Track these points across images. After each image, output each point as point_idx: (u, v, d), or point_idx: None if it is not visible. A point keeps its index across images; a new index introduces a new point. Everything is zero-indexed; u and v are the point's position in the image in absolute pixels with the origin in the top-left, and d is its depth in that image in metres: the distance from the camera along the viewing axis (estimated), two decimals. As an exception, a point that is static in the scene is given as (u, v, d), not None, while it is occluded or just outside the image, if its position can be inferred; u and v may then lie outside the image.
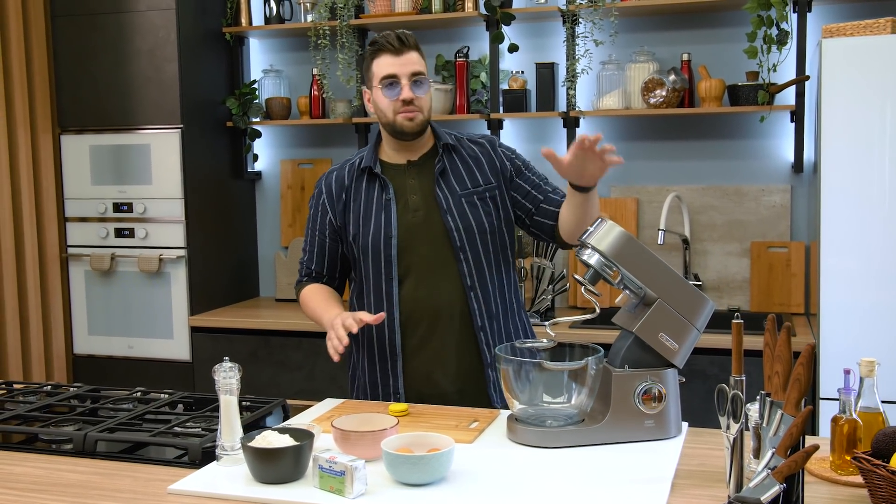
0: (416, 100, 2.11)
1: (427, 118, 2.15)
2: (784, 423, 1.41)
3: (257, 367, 3.63)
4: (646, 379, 1.81)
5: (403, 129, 2.12)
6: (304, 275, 2.30)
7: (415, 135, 2.14)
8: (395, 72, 2.10)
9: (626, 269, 1.81)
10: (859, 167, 2.78)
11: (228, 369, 1.71)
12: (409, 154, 2.19)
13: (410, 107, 2.10)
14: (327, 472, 1.55)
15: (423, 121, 2.13)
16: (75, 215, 3.87)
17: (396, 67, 2.10)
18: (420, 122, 2.13)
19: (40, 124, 3.79)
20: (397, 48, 2.10)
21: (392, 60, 2.10)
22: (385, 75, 2.10)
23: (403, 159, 2.19)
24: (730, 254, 3.62)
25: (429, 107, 2.15)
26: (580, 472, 1.65)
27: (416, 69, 2.11)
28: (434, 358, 2.16)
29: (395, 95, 2.10)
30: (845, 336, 2.81)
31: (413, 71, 2.10)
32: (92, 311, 3.89)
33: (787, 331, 1.43)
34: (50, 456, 1.81)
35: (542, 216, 2.19)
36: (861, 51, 2.77)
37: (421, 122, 2.13)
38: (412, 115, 2.10)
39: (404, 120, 2.11)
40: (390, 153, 2.21)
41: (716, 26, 3.59)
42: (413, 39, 2.13)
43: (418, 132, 2.14)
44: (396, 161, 2.19)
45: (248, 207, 4.22)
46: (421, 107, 2.12)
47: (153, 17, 3.68)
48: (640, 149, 3.72)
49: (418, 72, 2.11)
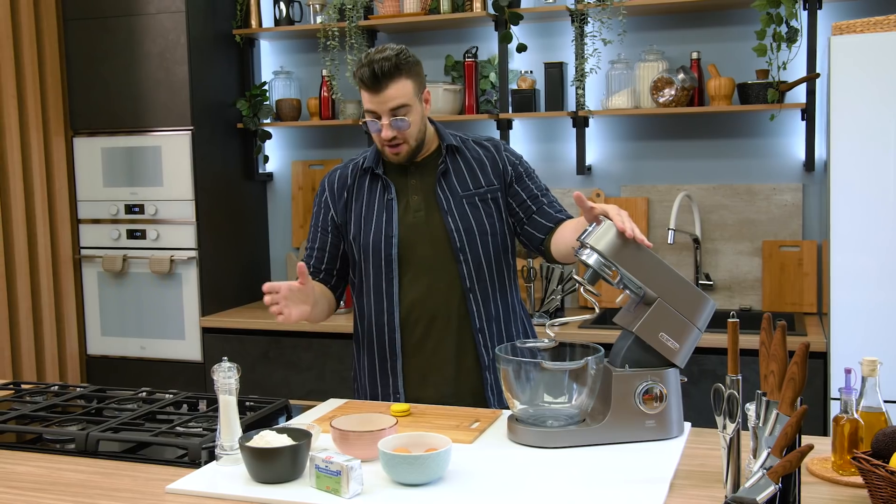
0: (399, 134, 2.07)
1: (416, 145, 2.11)
2: (780, 423, 1.39)
3: (268, 367, 3.65)
4: (647, 379, 1.80)
5: (391, 160, 2.13)
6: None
7: (407, 160, 2.13)
8: (374, 109, 2.05)
9: (625, 268, 1.79)
10: (869, 165, 2.75)
11: (227, 369, 1.72)
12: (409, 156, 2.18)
13: (393, 142, 2.08)
14: (324, 471, 1.55)
15: (409, 150, 2.11)
16: (88, 217, 3.91)
17: (375, 105, 2.04)
18: (408, 152, 2.11)
19: (53, 127, 3.82)
20: (372, 87, 2.02)
21: (369, 97, 2.04)
22: (366, 110, 2.08)
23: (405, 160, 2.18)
24: (741, 253, 3.59)
25: (417, 132, 2.10)
26: (579, 473, 1.64)
27: (394, 104, 2.02)
28: (431, 359, 2.15)
29: (376, 131, 2.08)
30: (856, 335, 2.79)
31: (392, 107, 2.03)
32: (105, 312, 3.92)
33: (782, 330, 1.42)
34: (53, 455, 1.82)
35: (533, 228, 2.17)
36: (871, 48, 2.74)
37: (408, 152, 2.10)
38: (396, 150, 2.09)
39: (391, 154, 2.11)
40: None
41: (725, 24, 3.56)
42: (390, 67, 2.00)
43: (409, 159, 2.13)
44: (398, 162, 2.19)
45: (260, 208, 4.23)
46: (406, 138, 2.08)
47: (163, 19, 3.71)
48: (650, 148, 3.70)
49: (398, 106, 2.03)
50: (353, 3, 3.70)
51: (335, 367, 3.55)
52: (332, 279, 2.27)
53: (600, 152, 3.77)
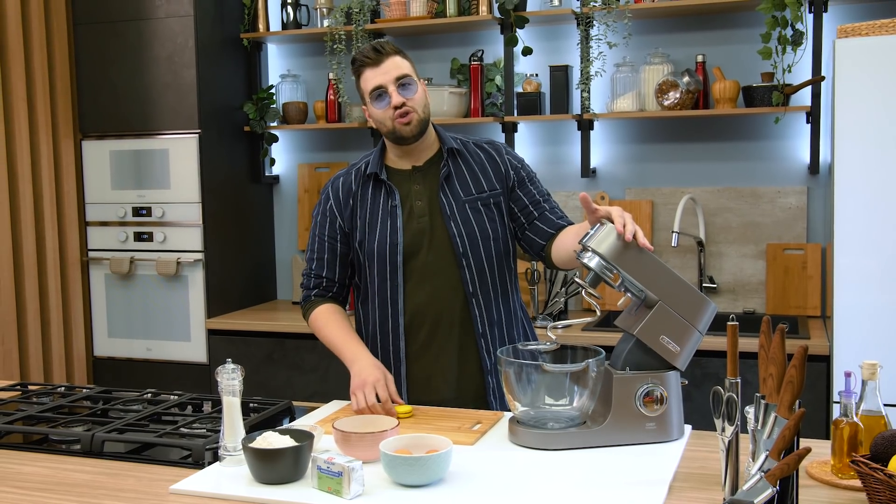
0: (407, 101, 2.09)
1: (424, 117, 2.12)
2: (778, 426, 1.40)
3: (273, 369, 3.66)
4: (647, 381, 1.80)
5: (402, 133, 2.11)
6: (313, 286, 2.25)
7: (416, 136, 2.13)
8: (379, 82, 2.08)
9: (627, 271, 1.80)
10: (874, 168, 2.75)
11: (231, 371, 1.73)
12: (413, 159, 2.18)
13: (403, 109, 2.08)
14: (325, 472, 1.56)
15: (420, 120, 2.11)
16: (96, 219, 3.93)
17: (379, 77, 2.08)
18: (418, 122, 2.11)
19: (62, 130, 3.85)
20: (374, 59, 2.08)
21: (374, 72, 2.08)
22: (372, 88, 2.09)
23: (408, 164, 2.19)
24: (745, 256, 3.59)
25: (423, 104, 2.12)
26: (578, 475, 1.65)
27: (398, 73, 2.08)
28: (434, 363, 2.16)
29: (385, 105, 2.09)
30: (859, 339, 2.78)
31: (396, 76, 2.08)
32: (112, 314, 3.94)
33: (781, 332, 1.42)
34: (59, 456, 1.84)
35: (534, 234, 2.17)
36: (876, 51, 2.73)
37: (418, 121, 2.11)
38: (406, 119, 2.09)
39: (401, 126, 2.09)
40: (395, 159, 2.20)
41: (730, 27, 3.56)
42: (391, 46, 2.11)
43: (419, 133, 2.12)
44: (401, 166, 2.19)
45: (266, 211, 4.25)
46: (414, 107, 2.10)
47: (172, 23, 3.73)
48: (655, 151, 3.71)
49: (402, 75, 2.08)
50: (360, 6, 3.72)
51: (339, 369, 3.50)
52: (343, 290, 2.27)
53: (605, 155, 3.77)
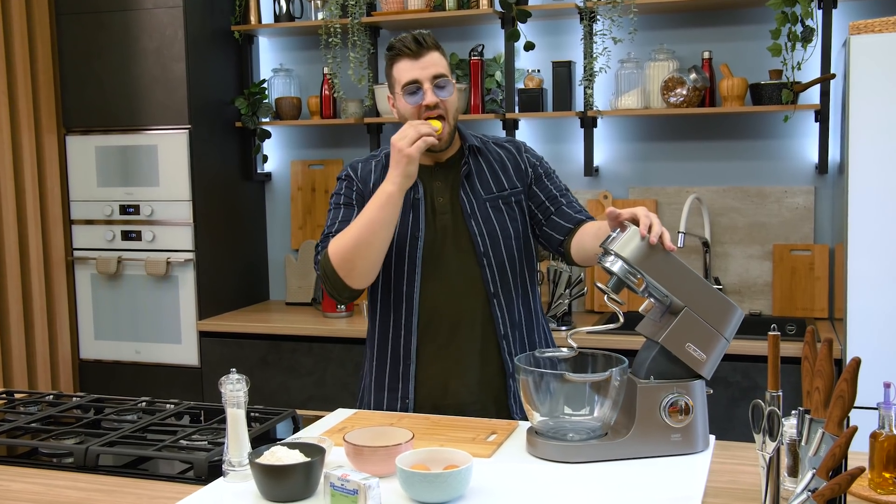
0: (441, 103, 2.01)
1: (453, 124, 2.06)
2: (825, 443, 1.32)
3: (267, 372, 3.56)
4: (672, 391, 1.73)
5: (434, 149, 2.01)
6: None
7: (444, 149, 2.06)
8: (416, 76, 2.01)
9: (651, 276, 1.72)
10: (888, 167, 2.69)
11: (236, 381, 1.63)
12: (435, 156, 2.11)
13: (435, 111, 2.01)
14: (339, 490, 1.47)
15: (448, 130, 2.03)
16: (81, 218, 3.81)
17: (416, 72, 2.00)
18: (448, 136, 2.04)
19: (45, 125, 3.73)
20: (415, 51, 2.00)
21: (411, 65, 2.00)
22: (406, 81, 2.01)
23: (430, 160, 2.11)
24: (751, 257, 3.53)
25: (455, 108, 2.05)
26: (604, 489, 1.57)
27: (437, 71, 2.01)
28: (453, 366, 2.08)
29: (418, 100, 2.01)
30: (874, 342, 2.72)
31: (434, 74, 2.00)
32: (98, 315, 3.82)
33: (829, 345, 1.34)
34: (49, 471, 1.74)
35: (552, 229, 2.12)
36: (890, 47, 2.68)
37: (448, 134, 2.04)
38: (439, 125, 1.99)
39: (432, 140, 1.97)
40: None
41: (738, 23, 3.50)
42: (432, 39, 2.03)
43: (444, 145, 2.05)
44: (423, 161, 2.09)
45: (258, 209, 4.15)
46: (447, 110, 2.02)
47: (160, 15, 3.62)
48: (660, 149, 3.64)
49: (440, 74, 2.01)
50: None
51: (336, 372, 3.46)
52: None
53: (608, 153, 3.70)
